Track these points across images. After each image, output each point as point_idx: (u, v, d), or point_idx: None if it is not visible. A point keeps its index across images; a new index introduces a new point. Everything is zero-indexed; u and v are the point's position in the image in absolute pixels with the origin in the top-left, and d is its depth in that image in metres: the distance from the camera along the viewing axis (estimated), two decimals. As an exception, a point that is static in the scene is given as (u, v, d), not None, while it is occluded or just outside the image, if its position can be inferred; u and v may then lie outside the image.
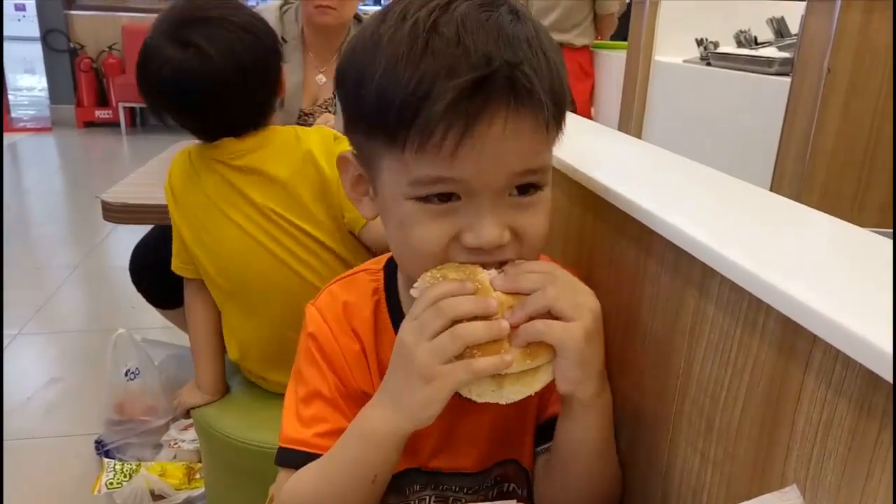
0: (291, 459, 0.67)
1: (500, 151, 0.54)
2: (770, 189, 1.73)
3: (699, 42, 2.55)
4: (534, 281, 0.57)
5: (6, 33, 4.56)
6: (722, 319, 0.55)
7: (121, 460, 1.65)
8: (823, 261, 0.55)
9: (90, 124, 5.97)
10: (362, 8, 1.93)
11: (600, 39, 3.66)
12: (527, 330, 0.55)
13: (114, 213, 1.44)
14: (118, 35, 5.82)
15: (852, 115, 1.58)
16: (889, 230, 0.91)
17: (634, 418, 0.69)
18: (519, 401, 0.57)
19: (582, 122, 1.24)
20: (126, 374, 1.61)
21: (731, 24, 2.47)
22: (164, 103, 1.13)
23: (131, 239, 1.78)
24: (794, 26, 2.13)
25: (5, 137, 5.51)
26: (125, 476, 1.58)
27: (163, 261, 1.27)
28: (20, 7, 10.18)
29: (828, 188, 1.64)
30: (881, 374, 0.39)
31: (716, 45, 2.48)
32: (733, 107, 2.21)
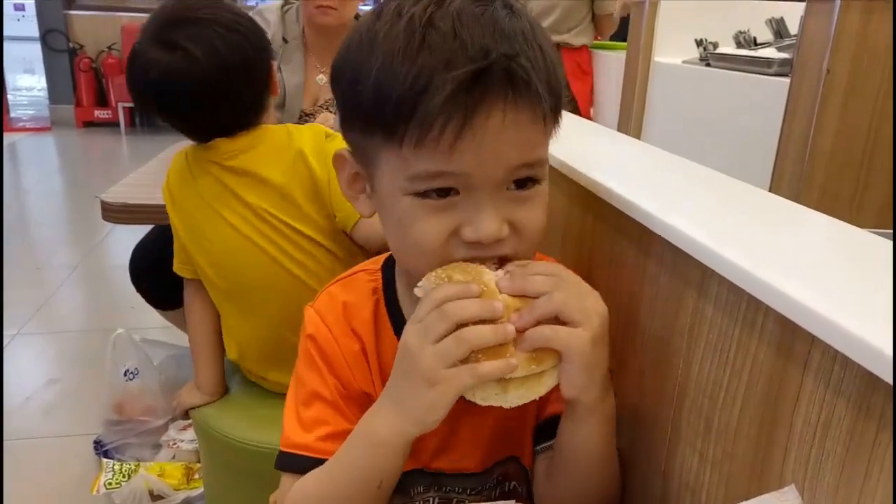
0: (293, 464, 0.66)
1: (499, 143, 0.54)
2: (769, 189, 1.73)
3: (698, 43, 2.55)
4: (541, 283, 0.56)
5: (6, 33, 4.55)
6: (721, 320, 0.55)
7: (120, 460, 1.65)
8: (822, 261, 0.55)
9: (89, 124, 5.97)
10: (362, 8, 1.93)
11: (600, 39, 3.65)
12: (533, 335, 0.55)
13: (113, 213, 1.44)
14: (117, 35, 5.81)
15: (851, 116, 1.58)
16: (888, 231, 0.91)
17: (633, 418, 0.69)
18: None
19: (582, 123, 1.25)
20: (125, 375, 1.61)
21: (731, 25, 2.47)
22: (153, 105, 1.13)
23: (130, 239, 1.78)
24: (794, 27, 2.13)
25: (5, 137, 5.50)
26: (124, 476, 1.58)
27: (162, 262, 1.27)
28: (20, 7, 10.19)
29: (827, 189, 1.64)
30: (879, 375, 0.39)
31: (715, 46, 2.48)
32: (732, 107, 2.21)
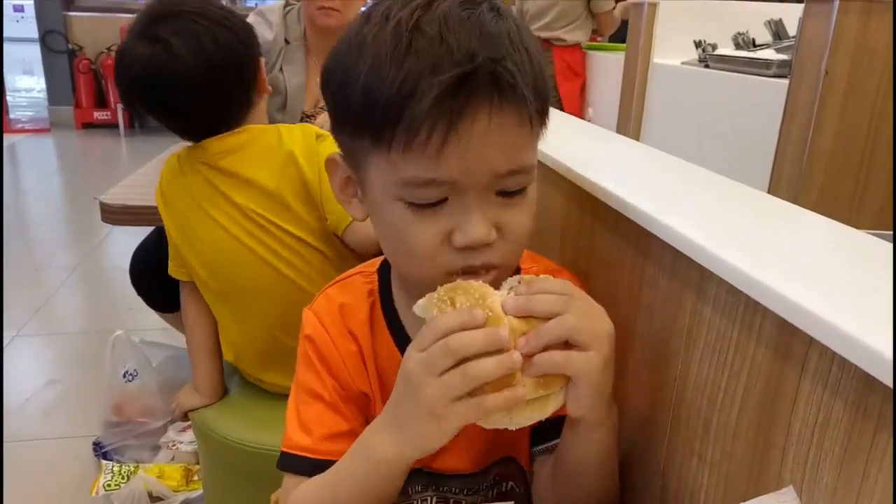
0: (295, 465, 0.67)
1: (485, 147, 0.54)
2: (768, 190, 1.73)
3: (697, 44, 2.55)
4: (549, 304, 0.54)
5: (5, 34, 4.55)
6: (719, 321, 0.55)
7: (119, 462, 1.65)
8: (820, 263, 0.55)
9: (89, 125, 5.97)
10: (363, 10, 1.92)
11: (601, 37, 3.65)
12: (543, 361, 0.53)
13: (112, 215, 1.44)
14: (117, 36, 5.79)
15: (850, 117, 1.59)
16: (887, 231, 0.91)
17: (632, 419, 0.69)
18: None
19: (580, 124, 1.25)
20: (124, 376, 1.61)
21: (730, 27, 2.47)
22: (137, 100, 1.12)
23: (130, 240, 1.78)
24: (792, 28, 2.13)
25: (4, 139, 5.50)
26: (123, 478, 1.58)
27: (163, 264, 1.27)
28: (19, 8, 10.19)
29: (826, 189, 1.65)
30: (877, 376, 0.39)
31: (714, 47, 2.49)
32: (731, 109, 2.22)
